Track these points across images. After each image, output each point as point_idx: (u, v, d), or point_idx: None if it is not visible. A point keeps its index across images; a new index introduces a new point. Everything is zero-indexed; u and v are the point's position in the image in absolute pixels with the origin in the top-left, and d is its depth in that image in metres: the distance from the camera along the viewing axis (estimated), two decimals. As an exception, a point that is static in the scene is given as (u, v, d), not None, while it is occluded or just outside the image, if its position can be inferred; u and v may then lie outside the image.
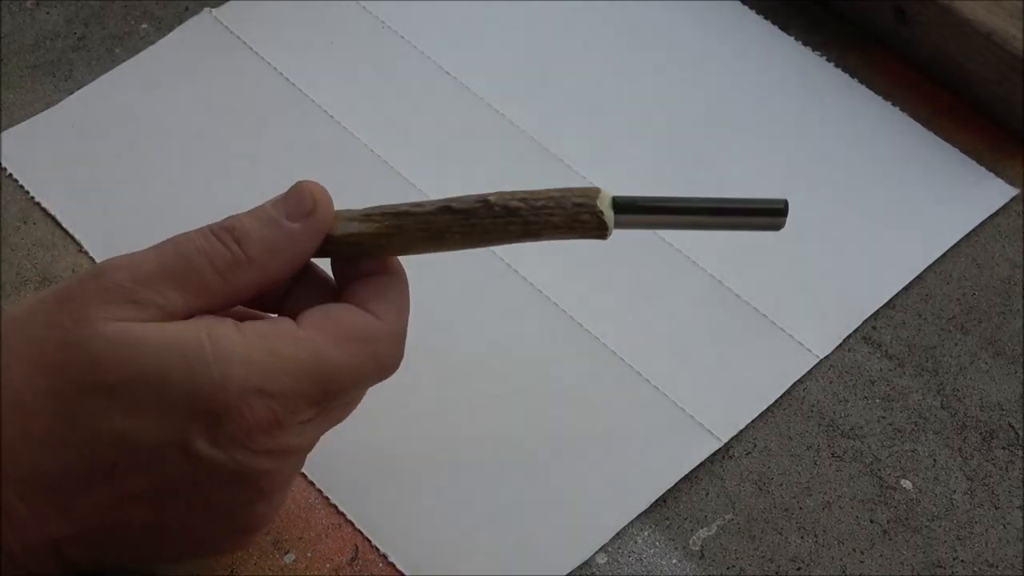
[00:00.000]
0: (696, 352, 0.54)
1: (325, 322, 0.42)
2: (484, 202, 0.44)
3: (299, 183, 0.43)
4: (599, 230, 0.44)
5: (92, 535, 0.41)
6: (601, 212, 0.44)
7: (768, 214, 0.46)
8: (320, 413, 0.42)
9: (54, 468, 0.39)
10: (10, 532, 0.40)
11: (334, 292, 0.44)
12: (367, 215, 0.44)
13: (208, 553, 0.46)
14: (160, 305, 0.40)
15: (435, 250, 0.44)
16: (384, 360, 0.43)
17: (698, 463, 0.51)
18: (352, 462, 0.51)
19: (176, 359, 0.39)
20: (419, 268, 0.57)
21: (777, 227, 0.46)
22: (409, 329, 0.50)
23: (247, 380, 0.39)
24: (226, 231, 0.42)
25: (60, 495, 0.40)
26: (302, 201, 0.43)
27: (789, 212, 0.46)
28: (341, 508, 0.50)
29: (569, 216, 0.44)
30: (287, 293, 0.44)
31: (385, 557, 0.49)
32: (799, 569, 0.49)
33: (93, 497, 0.40)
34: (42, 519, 0.40)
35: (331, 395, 0.42)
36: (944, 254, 0.57)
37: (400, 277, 0.45)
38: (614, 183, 0.59)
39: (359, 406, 0.47)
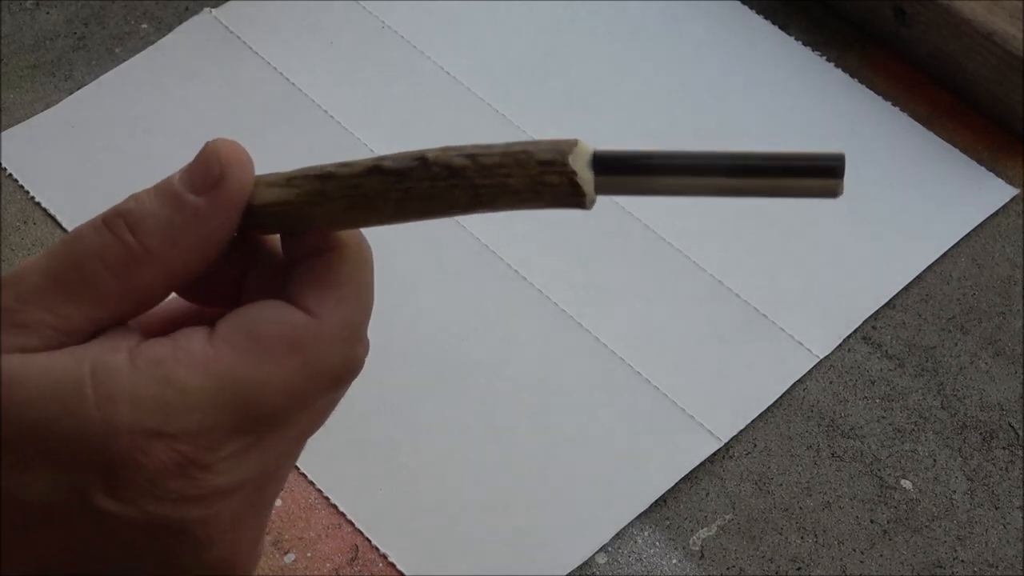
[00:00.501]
0: (696, 352, 0.54)
1: (240, 331, 0.34)
2: (421, 160, 0.33)
3: (207, 144, 0.35)
4: (573, 196, 0.32)
5: None
6: (573, 173, 0.32)
7: (815, 174, 0.33)
8: (255, 441, 0.34)
9: None
10: None
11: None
12: (290, 179, 0.35)
13: None
14: (53, 324, 0.33)
15: (371, 222, 0.35)
16: (324, 366, 0.34)
17: (698, 463, 0.51)
18: (352, 462, 0.51)
19: (56, 405, 0.32)
20: (419, 268, 0.57)
21: (831, 193, 0.33)
22: (410, 330, 0.50)
23: (137, 423, 0.32)
24: (119, 217, 0.34)
25: None
26: (208, 168, 0.34)
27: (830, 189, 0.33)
28: (341, 508, 0.50)
29: (531, 178, 0.32)
30: (241, 281, 0.37)
31: (385, 557, 0.49)
32: (799, 569, 0.49)
33: (7, 556, 0.34)
34: None
35: (259, 420, 0.34)
36: (944, 254, 0.57)
37: (350, 252, 0.35)
38: (614, 183, 0.59)
39: (358, 407, 0.47)
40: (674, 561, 0.49)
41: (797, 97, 0.62)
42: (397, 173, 0.33)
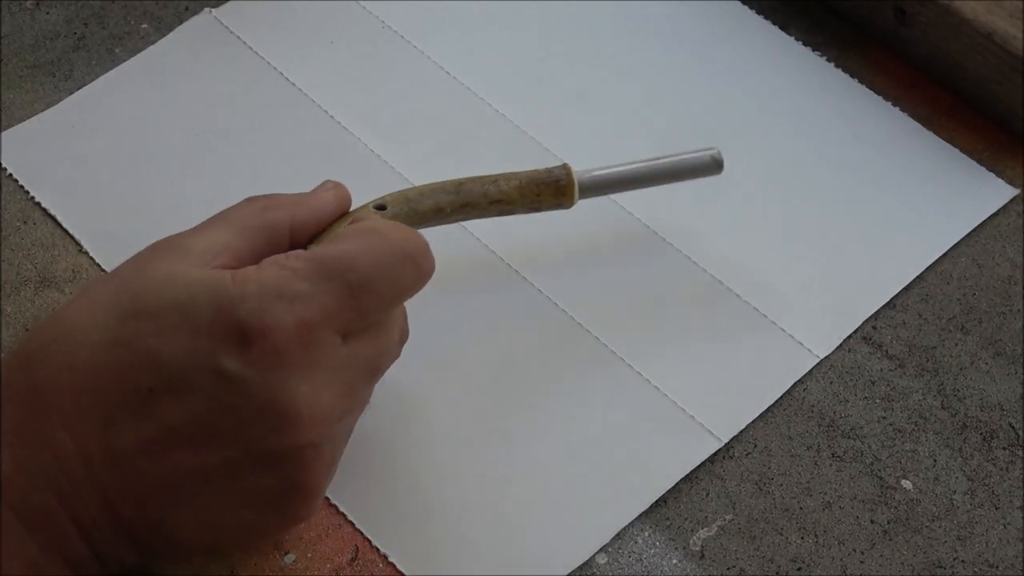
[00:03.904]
0: (696, 352, 0.54)
1: (329, 237, 0.46)
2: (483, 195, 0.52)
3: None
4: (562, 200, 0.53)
5: (141, 488, 0.42)
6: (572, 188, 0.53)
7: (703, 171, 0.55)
8: (354, 320, 0.43)
9: (94, 392, 0.41)
10: (62, 476, 0.41)
11: None
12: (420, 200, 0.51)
13: (257, 534, 0.46)
14: (206, 246, 0.44)
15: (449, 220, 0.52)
16: (398, 241, 0.44)
17: (698, 463, 0.51)
18: (352, 462, 0.50)
19: (203, 288, 0.42)
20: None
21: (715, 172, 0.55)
22: (410, 329, 0.50)
23: (262, 288, 0.41)
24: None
25: (101, 422, 0.41)
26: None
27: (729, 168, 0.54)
28: (341, 508, 0.50)
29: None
30: None
31: (385, 557, 0.49)
32: (799, 569, 0.49)
33: (133, 427, 0.41)
34: (87, 454, 0.41)
35: (357, 290, 0.43)
36: (944, 254, 0.57)
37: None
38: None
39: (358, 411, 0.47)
40: (674, 561, 0.49)
41: (797, 97, 0.62)
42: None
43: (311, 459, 0.43)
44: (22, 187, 0.58)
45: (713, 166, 0.54)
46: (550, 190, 0.52)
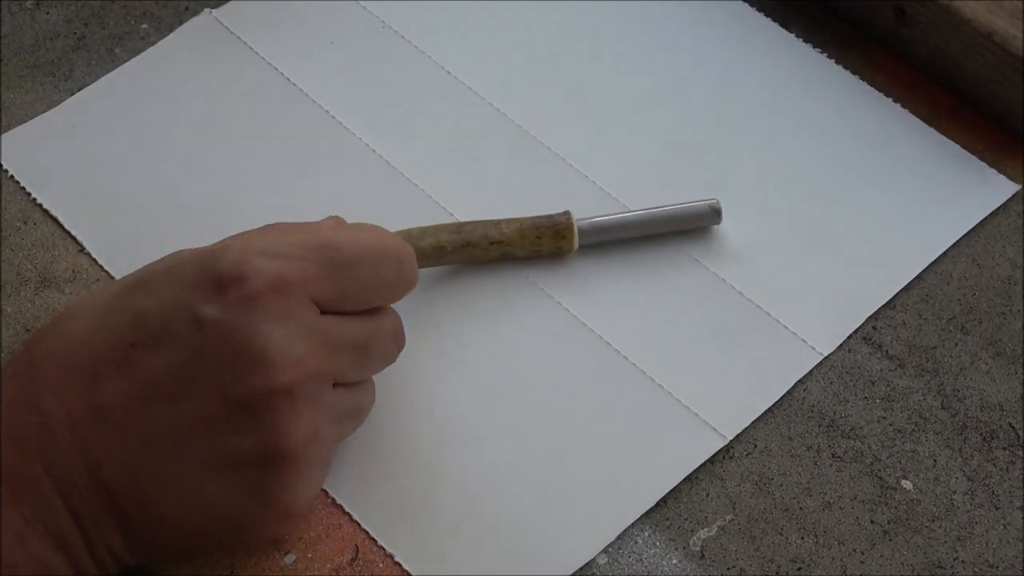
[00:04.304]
0: (699, 350, 0.54)
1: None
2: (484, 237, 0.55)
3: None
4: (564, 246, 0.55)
5: (123, 448, 0.42)
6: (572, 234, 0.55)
7: (703, 220, 0.57)
8: (330, 295, 0.44)
9: (83, 355, 0.43)
10: (48, 440, 0.42)
11: None
12: (424, 238, 0.54)
13: (242, 521, 0.44)
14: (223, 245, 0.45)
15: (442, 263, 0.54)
16: (389, 243, 0.47)
17: (703, 460, 0.51)
18: (355, 461, 0.51)
19: (193, 254, 0.44)
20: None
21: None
22: (411, 329, 0.50)
23: (246, 245, 0.44)
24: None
25: (88, 382, 0.42)
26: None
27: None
28: (347, 508, 0.50)
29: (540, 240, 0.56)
30: None
31: (391, 557, 0.49)
32: (799, 569, 0.49)
33: (115, 383, 0.42)
34: (72, 414, 0.42)
35: (339, 267, 0.45)
36: (944, 254, 0.57)
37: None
38: (615, 182, 0.59)
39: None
40: (674, 561, 0.49)
41: (798, 95, 0.62)
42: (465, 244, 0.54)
43: (287, 413, 0.42)
44: (22, 187, 0.58)
45: (712, 216, 0.56)
46: (550, 233, 0.54)
